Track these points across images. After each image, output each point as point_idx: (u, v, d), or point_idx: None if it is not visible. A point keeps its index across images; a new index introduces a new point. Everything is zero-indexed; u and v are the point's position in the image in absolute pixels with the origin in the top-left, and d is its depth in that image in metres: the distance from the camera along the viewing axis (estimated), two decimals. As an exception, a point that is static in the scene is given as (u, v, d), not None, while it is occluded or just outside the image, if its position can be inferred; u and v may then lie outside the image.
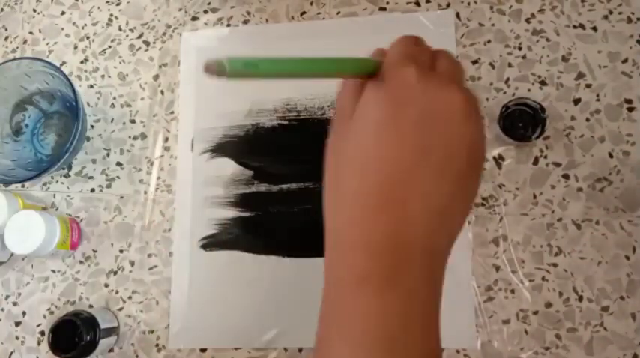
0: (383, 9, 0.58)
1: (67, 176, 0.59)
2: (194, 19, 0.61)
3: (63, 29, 0.63)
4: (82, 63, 0.62)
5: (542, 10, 0.55)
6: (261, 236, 0.54)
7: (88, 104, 0.60)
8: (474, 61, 0.55)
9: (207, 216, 0.56)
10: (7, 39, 0.64)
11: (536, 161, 0.53)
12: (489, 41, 0.55)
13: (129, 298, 0.56)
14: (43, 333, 0.56)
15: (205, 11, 0.61)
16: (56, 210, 0.59)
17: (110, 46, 0.62)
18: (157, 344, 0.54)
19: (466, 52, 0.55)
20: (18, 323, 0.57)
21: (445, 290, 0.51)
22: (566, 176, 0.52)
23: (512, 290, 0.51)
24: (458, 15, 0.56)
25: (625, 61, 0.53)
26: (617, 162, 0.51)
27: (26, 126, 0.60)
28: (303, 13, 0.59)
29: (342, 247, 0.26)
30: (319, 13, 0.59)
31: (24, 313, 0.57)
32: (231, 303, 0.54)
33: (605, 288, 0.50)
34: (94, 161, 0.59)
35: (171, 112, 0.59)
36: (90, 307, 0.56)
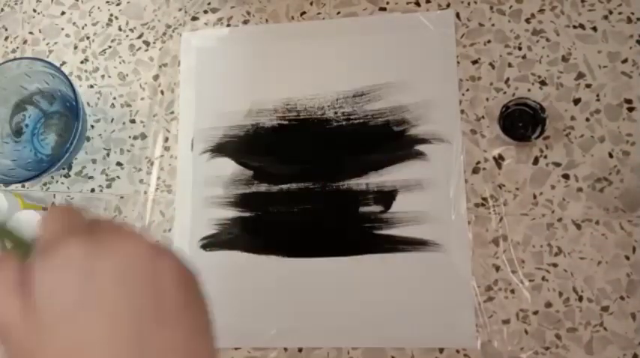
0: (383, 9, 0.58)
1: (67, 176, 0.59)
2: (194, 19, 0.61)
3: (63, 29, 0.63)
4: (82, 63, 0.62)
5: (542, 10, 0.55)
6: (261, 236, 0.54)
7: (88, 104, 0.60)
8: (473, 61, 0.55)
9: (207, 216, 0.56)
10: (7, 39, 0.64)
11: (536, 161, 0.53)
12: (489, 41, 0.55)
13: (129, 298, 0.56)
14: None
15: (205, 11, 0.61)
16: (56, 210, 0.58)
17: (110, 46, 0.62)
18: (156, 344, 0.54)
19: (466, 52, 0.55)
20: (18, 323, 0.57)
21: (445, 290, 0.51)
22: (566, 176, 0.52)
23: (512, 290, 0.51)
24: (458, 15, 0.56)
25: (625, 61, 0.53)
26: (617, 162, 0.51)
27: (26, 126, 0.60)
28: (303, 13, 0.59)
29: None
30: (319, 13, 0.59)
31: (24, 313, 0.57)
32: (232, 303, 0.54)
33: (605, 288, 0.50)
34: (94, 161, 0.59)
35: (171, 112, 0.59)
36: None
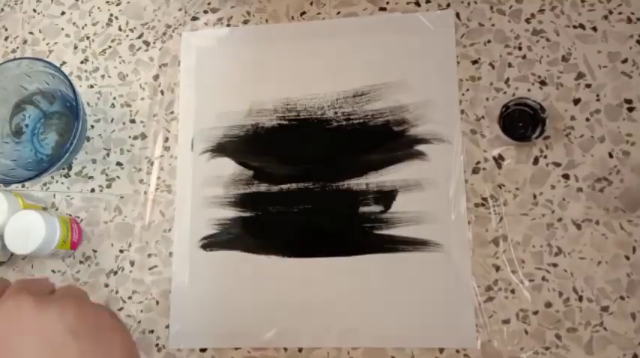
0: (383, 9, 0.58)
1: (67, 176, 0.59)
2: (194, 19, 0.61)
3: (63, 29, 0.63)
4: (82, 63, 0.62)
5: (542, 10, 0.55)
6: (261, 236, 0.54)
7: (88, 104, 0.60)
8: (473, 61, 0.55)
9: (207, 216, 0.56)
10: (7, 39, 0.64)
11: (536, 161, 0.53)
12: (489, 41, 0.55)
13: (129, 298, 0.56)
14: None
15: (205, 11, 0.61)
16: (56, 210, 0.59)
17: (110, 46, 0.62)
18: (156, 344, 0.54)
19: (466, 52, 0.55)
20: (18, 323, 0.57)
21: (445, 290, 0.51)
22: (566, 176, 0.52)
23: (512, 290, 0.51)
24: (458, 15, 0.56)
25: (625, 61, 0.53)
26: (617, 162, 0.51)
27: (26, 126, 0.60)
28: (303, 13, 0.59)
29: None
30: (319, 13, 0.59)
31: (24, 313, 0.57)
32: (231, 303, 0.54)
33: (605, 288, 0.50)
34: (94, 161, 0.59)
35: (171, 112, 0.59)
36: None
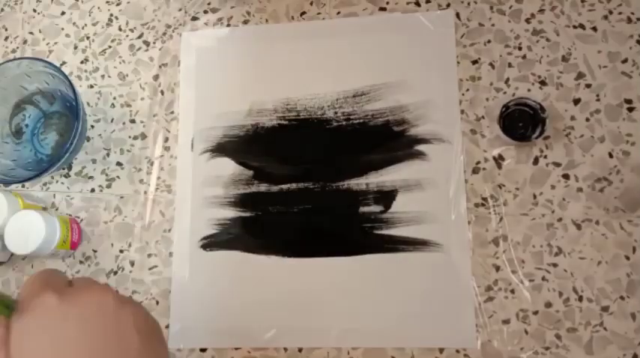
0: (383, 9, 0.58)
1: (67, 176, 0.59)
2: (194, 19, 0.61)
3: (63, 29, 0.63)
4: (82, 63, 0.62)
5: (542, 10, 0.55)
6: (261, 236, 0.54)
7: (88, 104, 0.60)
8: (473, 61, 0.55)
9: (207, 216, 0.56)
10: (7, 39, 0.64)
11: (536, 161, 0.53)
12: (489, 41, 0.55)
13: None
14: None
15: (205, 11, 0.61)
16: (56, 210, 0.59)
17: (110, 46, 0.62)
18: (156, 344, 0.54)
19: (466, 52, 0.55)
20: (18, 323, 0.57)
21: (445, 290, 0.51)
22: (566, 176, 0.52)
23: (512, 290, 0.51)
24: (458, 15, 0.56)
25: (625, 61, 0.53)
26: (617, 162, 0.51)
27: (26, 126, 0.60)
28: (303, 13, 0.59)
29: None
30: (319, 13, 0.59)
31: (24, 313, 0.57)
32: (231, 303, 0.54)
33: (605, 288, 0.50)
34: (94, 161, 0.59)
35: (172, 112, 0.59)
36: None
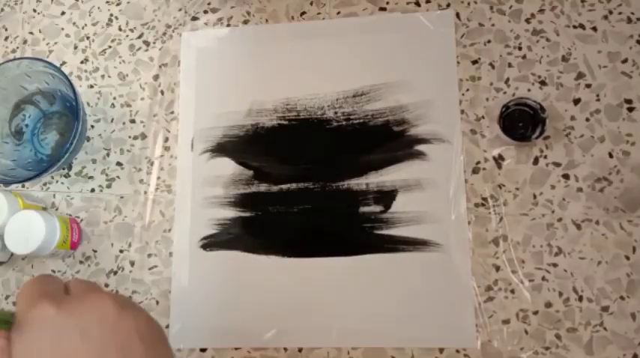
0: (383, 9, 0.58)
1: (67, 176, 0.59)
2: (194, 19, 0.61)
3: (63, 29, 0.63)
4: (82, 63, 0.62)
5: (542, 10, 0.55)
6: (261, 236, 0.54)
7: (88, 104, 0.60)
8: (473, 61, 0.55)
9: (207, 216, 0.56)
10: (7, 39, 0.64)
11: (536, 161, 0.53)
12: (489, 41, 0.55)
13: (129, 298, 0.56)
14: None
15: (205, 11, 0.61)
16: (56, 210, 0.59)
17: (110, 46, 0.62)
18: (156, 344, 0.54)
19: (466, 52, 0.55)
20: (18, 323, 0.57)
21: (445, 290, 0.51)
22: (566, 176, 0.52)
23: (512, 290, 0.51)
24: (458, 15, 0.56)
25: (625, 61, 0.53)
26: (617, 162, 0.51)
27: (26, 126, 0.60)
28: (303, 13, 0.59)
29: None
30: (319, 13, 0.59)
31: (24, 313, 0.57)
32: (231, 303, 0.54)
33: (605, 288, 0.50)
34: (94, 161, 0.59)
35: (172, 112, 0.59)
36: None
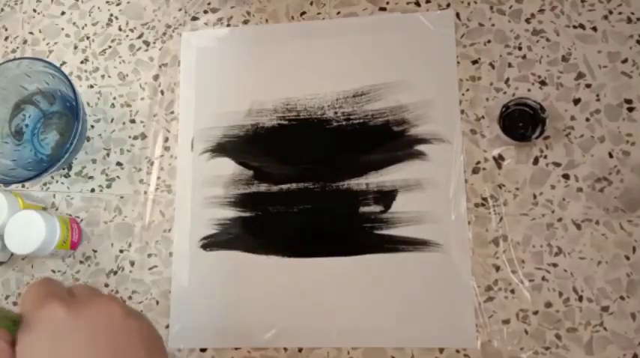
0: (383, 9, 0.58)
1: (67, 176, 0.59)
2: (194, 19, 0.61)
3: (63, 29, 0.63)
4: (82, 63, 0.62)
5: (542, 10, 0.55)
6: (261, 236, 0.54)
7: (88, 104, 0.60)
8: (473, 61, 0.55)
9: (207, 216, 0.56)
10: (7, 39, 0.64)
11: (536, 161, 0.53)
12: (489, 41, 0.55)
13: (129, 298, 0.56)
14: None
15: (205, 11, 0.61)
16: (56, 210, 0.59)
17: (110, 46, 0.62)
18: (156, 344, 0.54)
19: (466, 52, 0.55)
20: (18, 323, 0.57)
21: (445, 290, 0.51)
22: (566, 176, 0.52)
23: (512, 290, 0.51)
24: (458, 15, 0.56)
25: (625, 61, 0.53)
26: (617, 162, 0.51)
27: (26, 127, 0.60)
28: (303, 13, 0.59)
29: None
30: (319, 13, 0.59)
31: (24, 313, 0.57)
32: (231, 303, 0.54)
33: (605, 288, 0.50)
34: (94, 161, 0.59)
35: (172, 112, 0.59)
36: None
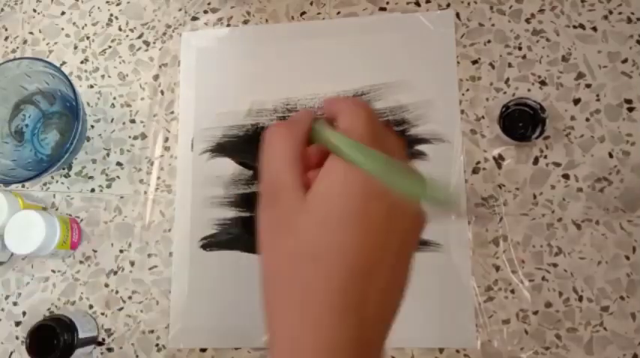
0: (383, 9, 0.58)
1: (67, 176, 0.59)
2: (194, 19, 0.61)
3: (63, 29, 0.63)
4: (82, 63, 0.62)
5: (542, 10, 0.55)
6: (261, 236, 0.54)
7: (88, 104, 0.60)
8: (473, 61, 0.55)
9: (207, 216, 0.56)
10: (7, 39, 0.64)
11: (536, 161, 0.53)
12: (489, 41, 0.55)
13: (129, 298, 0.56)
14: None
15: (205, 11, 0.61)
16: (56, 210, 0.59)
17: (110, 46, 0.62)
18: (157, 344, 0.54)
19: (466, 52, 0.55)
20: (18, 323, 0.57)
21: (445, 290, 0.51)
22: (566, 176, 0.52)
23: (512, 290, 0.51)
24: (458, 15, 0.56)
25: (625, 61, 0.53)
26: (617, 162, 0.51)
27: (26, 127, 0.60)
28: (303, 13, 0.59)
29: (302, 353, 0.25)
30: (319, 13, 0.59)
31: (24, 313, 0.57)
32: (231, 303, 0.54)
33: (605, 288, 0.50)
34: (94, 161, 0.59)
35: (172, 112, 0.59)
36: (90, 307, 0.56)
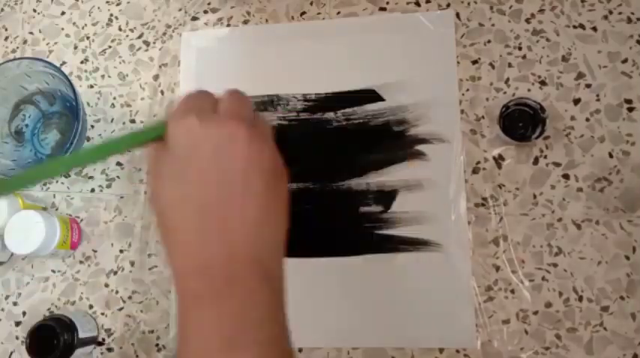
0: (383, 9, 0.58)
1: (67, 176, 0.59)
2: (194, 19, 0.61)
3: (63, 29, 0.63)
4: (82, 63, 0.62)
5: (542, 10, 0.55)
6: (261, 236, 0.55)
7: (88, 104, 0.60)
8: (473, 61, 0.55)
9: (207, 216, 0.56)
10: (7, 39, 0.64)
11: (536, 161, 0.53)
12: (489, 41, 0.55)
13: (129, 298, 0.56)
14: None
15: (205, 11, 0.61)
16: (56, 210, 0.59)
17: (110, 46, 0.62)
18: (156, 344, 0.54)
19: (466, 52, 0.55)
20: (18, 323, 0.57)
21: (445, 290, 0.51)
22: (566, 176, 0.52)
23: (512, 290, 0.51)
24: (458, 15, 0.56)
25: (625, 61, 0.53)
26: (617, 162, 0.51)
27: (26, 127, 0.60)
28: (303, 13, 0.59)
29: (177, 274, 0.32)
30: (319, 13, 0.59)
31: (24, 313, 0.57)
32: (231, 303, 0.54)
33: (605, 288, 0.50)
34: (94, 161, 0.59)
35: (171, 112, 0.59)
36: (90, 307, 0.56)
